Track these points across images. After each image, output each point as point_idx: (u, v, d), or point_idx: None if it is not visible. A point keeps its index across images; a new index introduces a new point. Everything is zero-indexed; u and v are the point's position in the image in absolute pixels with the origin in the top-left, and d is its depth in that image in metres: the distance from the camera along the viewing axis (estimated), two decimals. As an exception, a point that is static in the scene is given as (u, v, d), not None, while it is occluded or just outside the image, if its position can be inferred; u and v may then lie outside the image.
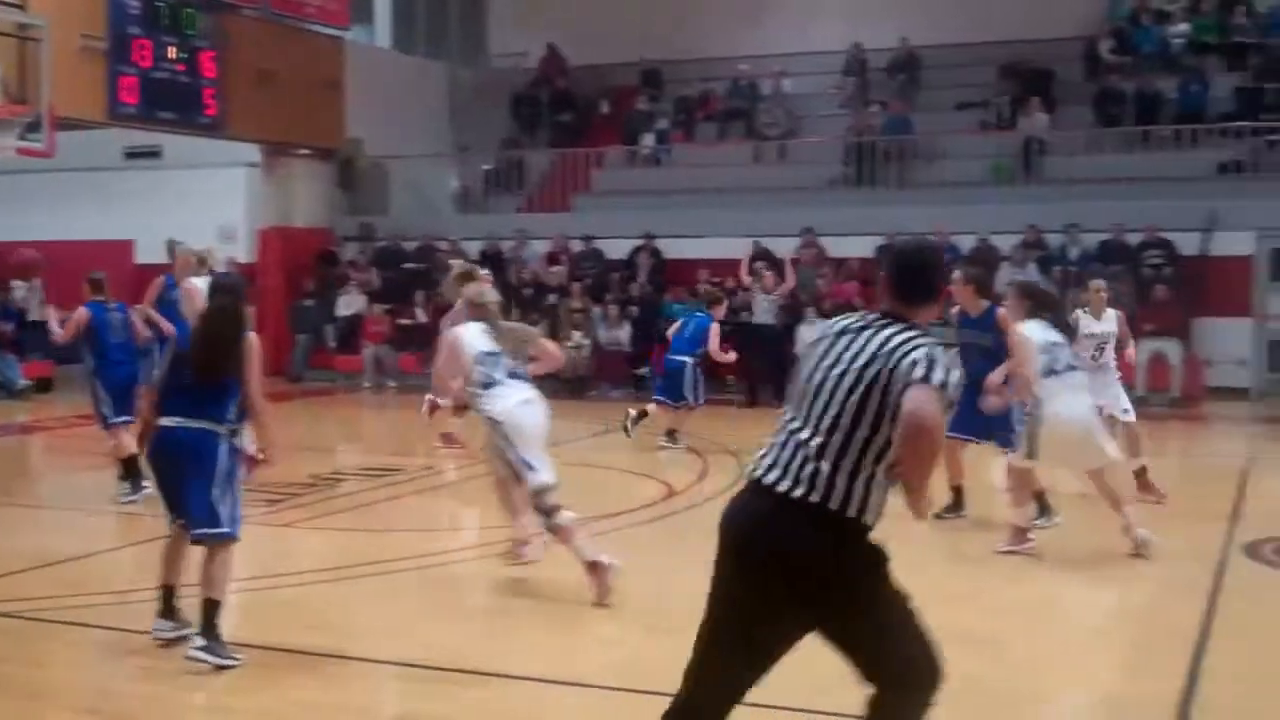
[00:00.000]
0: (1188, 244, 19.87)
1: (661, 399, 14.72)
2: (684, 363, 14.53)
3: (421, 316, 21.66)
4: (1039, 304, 9.44)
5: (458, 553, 9.21)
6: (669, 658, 6.64)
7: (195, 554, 6.68)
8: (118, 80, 18.83)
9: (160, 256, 13.81)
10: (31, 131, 16.74)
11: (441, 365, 8.47)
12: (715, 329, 14.63)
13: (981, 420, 9.67)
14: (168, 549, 6.89)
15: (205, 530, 6.57)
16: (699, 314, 15.04)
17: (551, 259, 22.64)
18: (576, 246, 22.76)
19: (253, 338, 6.81)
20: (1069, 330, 9.86)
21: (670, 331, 15.27)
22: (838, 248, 21.59)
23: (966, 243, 20.97)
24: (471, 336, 8.20)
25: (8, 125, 16.54)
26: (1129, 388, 11.68)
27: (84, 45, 18.26)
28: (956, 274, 10.27)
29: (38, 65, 16.75)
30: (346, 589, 8.18)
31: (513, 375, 8.21)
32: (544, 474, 7.91)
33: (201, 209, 22.65)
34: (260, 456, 7.03)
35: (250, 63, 20.89)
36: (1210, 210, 19.86)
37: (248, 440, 7.01)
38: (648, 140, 24.60)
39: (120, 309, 11.47)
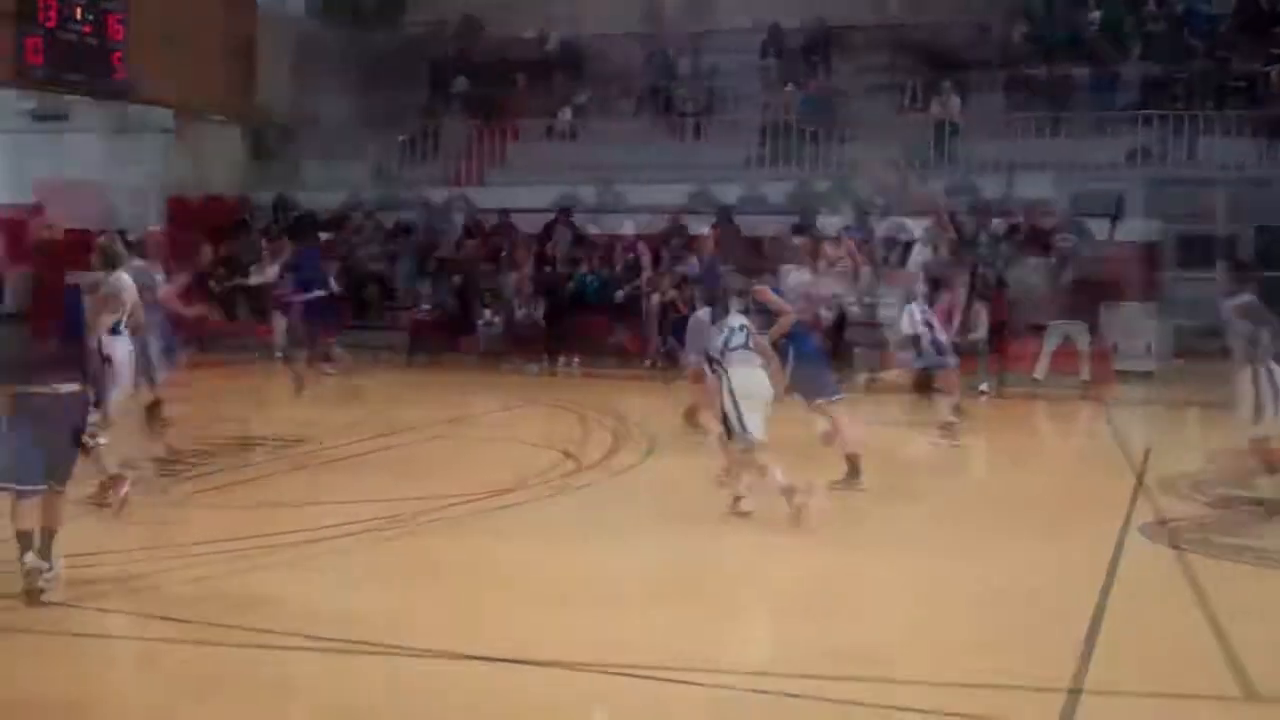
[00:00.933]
0: (1097, 229, 20.19)
1: None
2: None
3: (335, 287, 21.46)
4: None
5: (368, 522, 9.08)
6: (562, 629, 6.71)
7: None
8: (24, 41, 18.45)
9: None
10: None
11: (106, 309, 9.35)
12: None
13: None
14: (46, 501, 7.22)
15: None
16: None
17: (466, 233, 22.54)
18: (490, 220, 22.73)
19: None
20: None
21: None
22: (754, 227, 21.70)
23: (881, 225, 21.18)
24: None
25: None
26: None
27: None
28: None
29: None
30: (263, 562, 8.06)
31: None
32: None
33: (111, 174, 22.33)
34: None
35: (159, 26, 20.50)
36: (1118, 196, 20.21)
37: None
38: (565, 115, 24.40)
39: None
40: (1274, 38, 22.21)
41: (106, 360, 9.02)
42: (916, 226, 19.56)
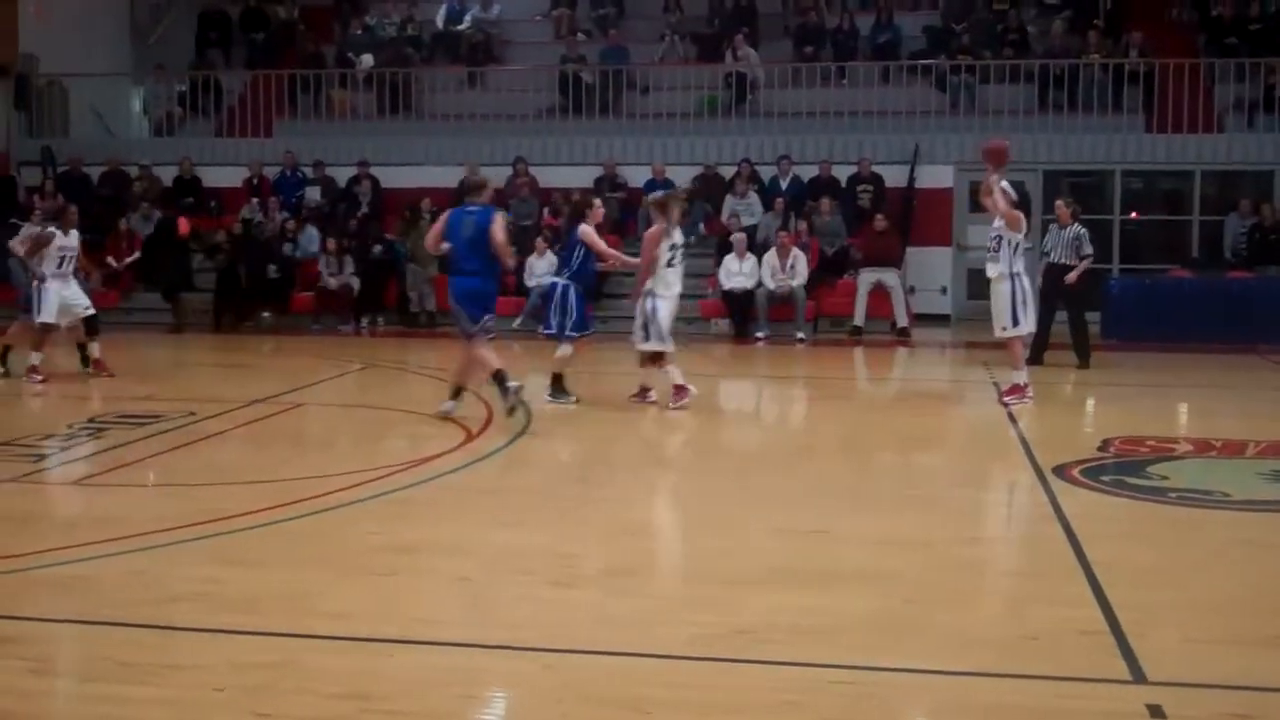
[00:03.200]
0: (893, 177, 20.75)
1: None
2: None
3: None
4: None
5: (292, 506, 8.59)
6: (512, 607, 6.36)
7: None
8: None
9: None
10: None
11: None
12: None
13: None
14: None
15: None
16: None
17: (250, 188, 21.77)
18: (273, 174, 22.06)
19: None
20: None
21: None
22: (551, 178, 21.58)
23: (684, 174, 21.23)
24: None
25: None
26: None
27: None
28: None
29: None
30: (200, 551, 7.50)
31: None
32: None
33: None
34: None
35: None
36: (914, 144, 20.79)
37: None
38: (367, 61, 23.49)
39: None
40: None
41: None
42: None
